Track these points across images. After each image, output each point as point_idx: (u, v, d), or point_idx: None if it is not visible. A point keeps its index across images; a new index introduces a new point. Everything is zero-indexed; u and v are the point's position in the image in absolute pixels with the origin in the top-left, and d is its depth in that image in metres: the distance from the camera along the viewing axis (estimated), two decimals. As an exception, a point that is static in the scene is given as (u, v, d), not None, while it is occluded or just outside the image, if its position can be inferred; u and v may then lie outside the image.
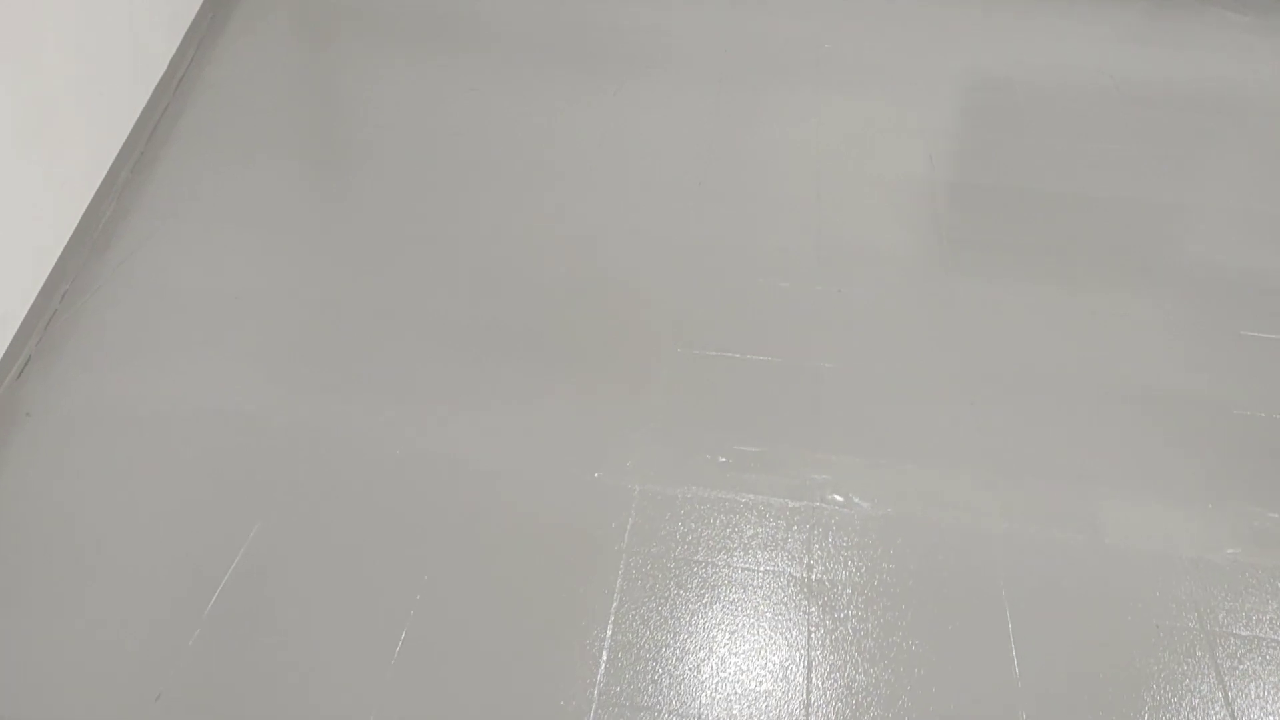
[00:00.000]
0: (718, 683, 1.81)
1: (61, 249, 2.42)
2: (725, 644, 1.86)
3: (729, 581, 1.95)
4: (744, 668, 1.83)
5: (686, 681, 1.81)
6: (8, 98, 2.19)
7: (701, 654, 1.85)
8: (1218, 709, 1.80)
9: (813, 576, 1.97)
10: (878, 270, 2.60)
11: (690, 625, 1.89)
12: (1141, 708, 1.79)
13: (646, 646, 1.85)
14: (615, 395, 2.28)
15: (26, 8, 2.26)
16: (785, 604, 1.93)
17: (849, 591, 1.95)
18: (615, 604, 1.90)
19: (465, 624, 1.87)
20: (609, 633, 1.86)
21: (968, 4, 3.67)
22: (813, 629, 1.90)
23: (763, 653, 1.86)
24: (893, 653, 1.86)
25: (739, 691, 1.80)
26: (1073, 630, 1.90)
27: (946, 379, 2.34)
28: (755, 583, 1.95)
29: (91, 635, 1.84)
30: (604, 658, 1.83)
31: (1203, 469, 2.17)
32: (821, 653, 1.86)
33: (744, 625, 1.89)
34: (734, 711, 1.77)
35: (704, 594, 1.93)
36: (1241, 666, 1.86)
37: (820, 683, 1.82)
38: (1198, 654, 1.87)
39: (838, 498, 2.09)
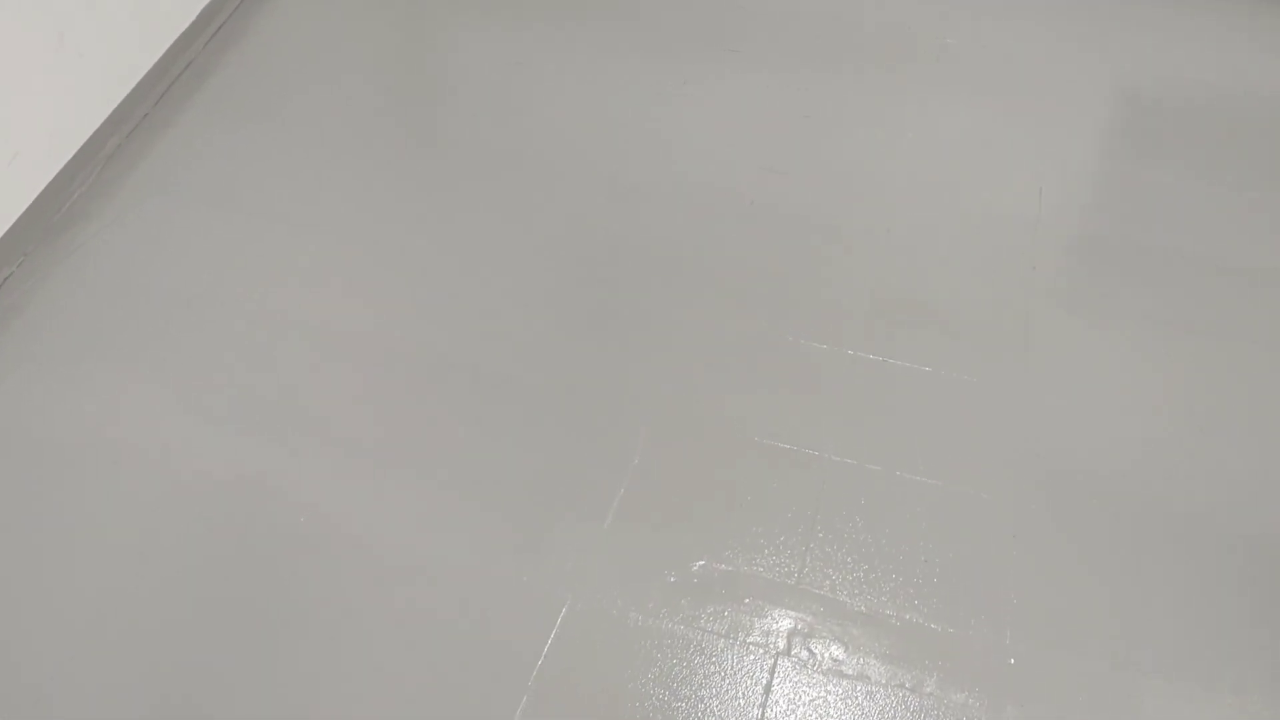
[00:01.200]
0: None
1: (10, 225, 2.19)
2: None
3: (646, 748, 1.58)
4: None
5: None
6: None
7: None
8: None
9: (756, 752, 1.58)
10: (941, 339, 2.13)
11: (583, 803, 1.53)
12: None
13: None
14: (576, 472, 1.90)
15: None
16: (711, 787, 1.55)
17: (796, 781, 1.55)
18: (494, 764, 1.56)
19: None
20: (480, 799, 1.53)
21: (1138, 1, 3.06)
22: (737, 828, 1.51)
23: None
24: None
25: None
26: None
27: (991, 497, 1.87)
28: (678, 755, 1.57)
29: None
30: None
31: (1302, 673, 1.66)
32: None
33: (651, 811, 1.52)
34: None
35: (611, 761, 1.57)
36: None
37: None
38: None
39: (811, 653, 1.68)
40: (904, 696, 1.63)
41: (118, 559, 1.79)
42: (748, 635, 1.69)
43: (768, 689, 1.63)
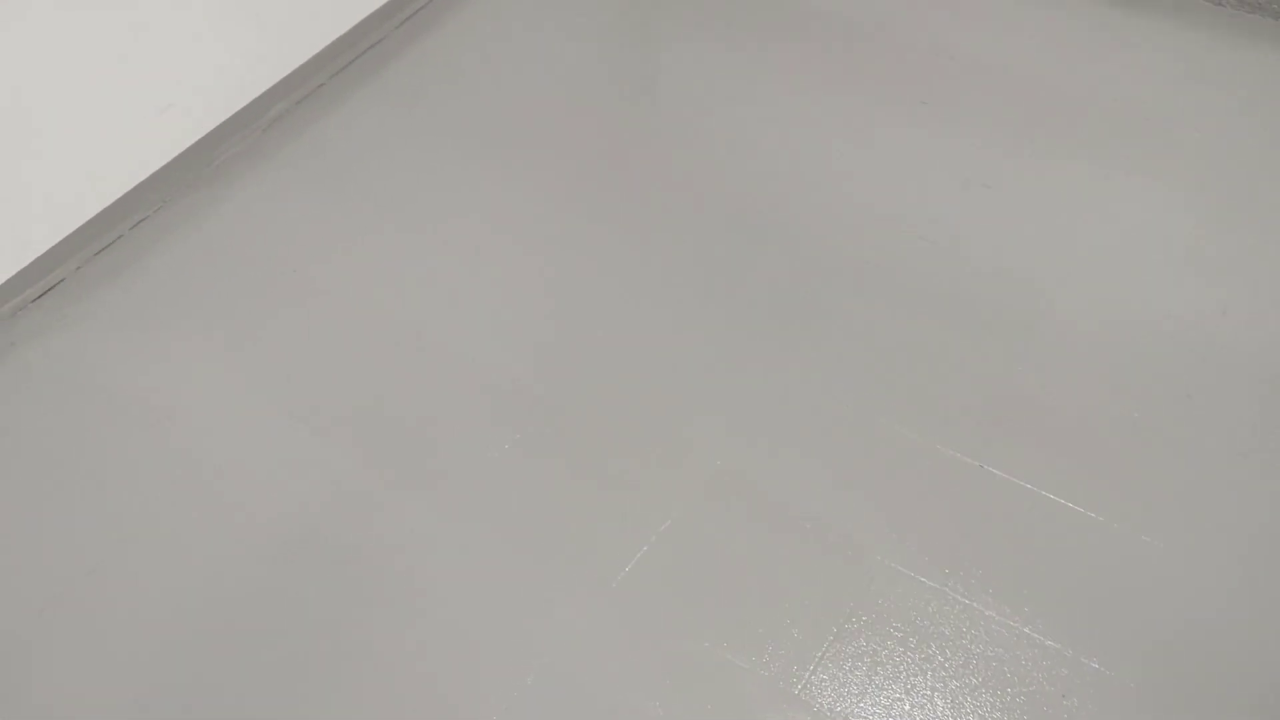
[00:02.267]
0: None
1: (151, 173, 2.28)
2: None
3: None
4: None
5: None
6: None
7: None
8: None
9: None
10: (1054, 455, 1.87)
11: None
12: None
13: None
14: (605, 523, 1.78)
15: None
16: None
17: None
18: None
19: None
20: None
21: None
22: None
23: None
24: None
25: None
26: None
27: (1056, 646, 1.62)
28: None
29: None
30: None
31: None
32: None
33: None
34: None
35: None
36: None
37: None
38: None
39: (784, 772, 1.50)
40: None
41: (139, 533, 1.81)
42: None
43: (722, 803, 1.47)
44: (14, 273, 2.03)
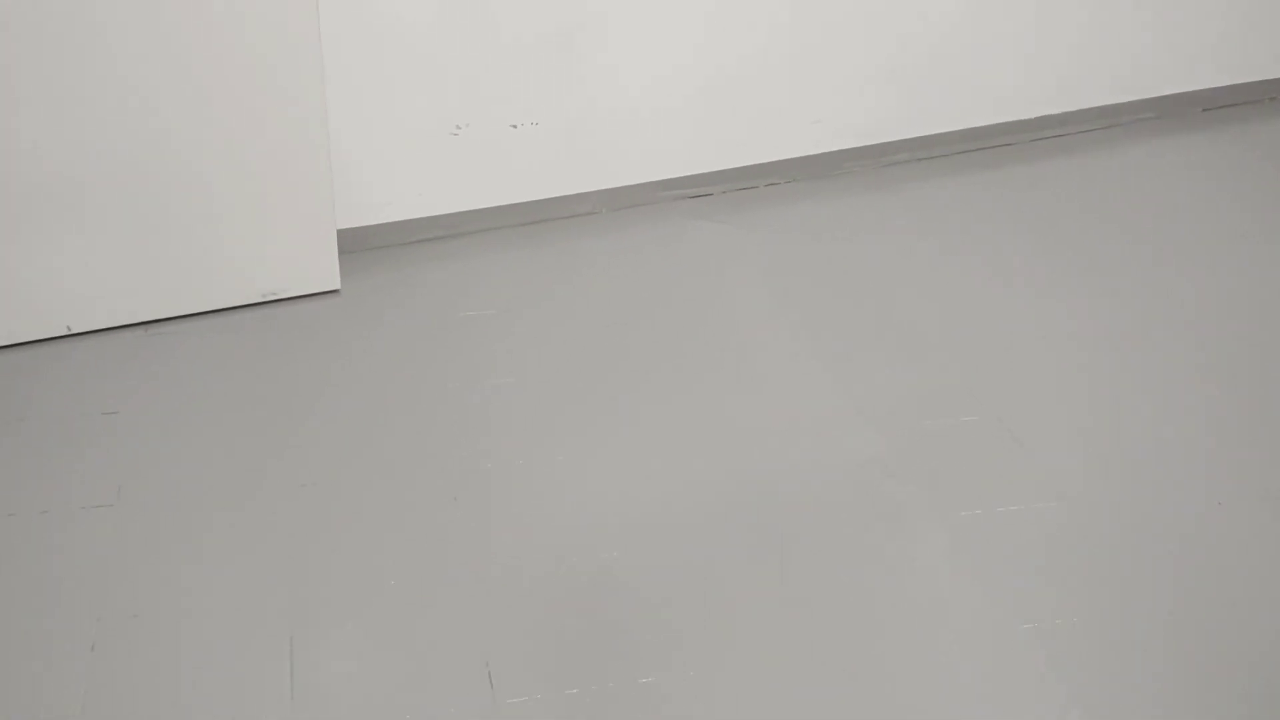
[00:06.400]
0: None
1: (781, 159, 3.42)
2: None
3: None
4: None
5: None
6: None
7: None
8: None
9: None
10: None
11: None
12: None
13: None
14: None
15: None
16: None
17: None
18: None
19: None
20: None
21: None
22: None
23: None
24: None
25: None
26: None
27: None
28: None
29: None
30: None
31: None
32: None
33: None
34: None
35: None
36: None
37: None
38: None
39: None
40: None
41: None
42: None
43: None
44: (682, 175, 3.31)
